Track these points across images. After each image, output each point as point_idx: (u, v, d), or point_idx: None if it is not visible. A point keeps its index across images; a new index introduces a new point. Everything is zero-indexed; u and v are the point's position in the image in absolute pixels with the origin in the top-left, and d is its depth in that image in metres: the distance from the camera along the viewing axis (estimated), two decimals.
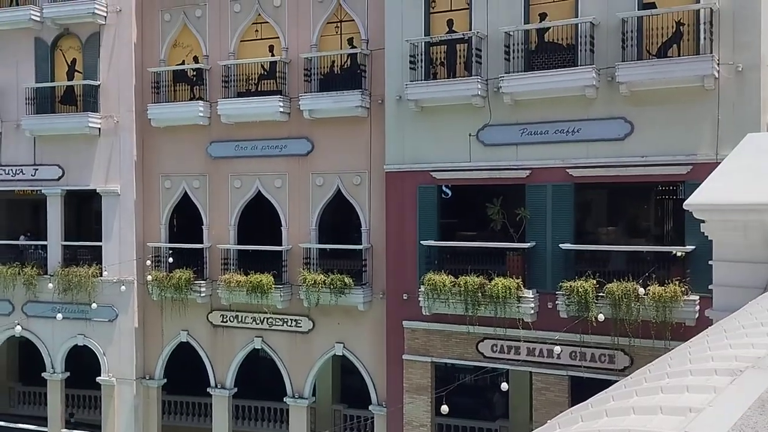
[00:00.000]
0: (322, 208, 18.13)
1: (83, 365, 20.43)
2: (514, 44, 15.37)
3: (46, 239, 20.52)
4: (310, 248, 17.93)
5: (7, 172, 20.79)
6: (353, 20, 17.77)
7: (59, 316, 18.45)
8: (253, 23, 18.74)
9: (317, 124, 17.87)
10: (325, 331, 18.05)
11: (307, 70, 17.79)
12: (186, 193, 19.48)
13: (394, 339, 16.96)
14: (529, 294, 15.10)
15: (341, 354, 18.05)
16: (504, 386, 14.69)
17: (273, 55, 18.47)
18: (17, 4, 20.34)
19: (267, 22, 18.56)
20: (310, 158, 18.17)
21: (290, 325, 18.37)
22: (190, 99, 19.12)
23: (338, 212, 18.62)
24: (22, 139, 20.50)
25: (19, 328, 18.28)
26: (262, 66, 18.45)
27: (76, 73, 20.23)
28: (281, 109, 17.91)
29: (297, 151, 18.27)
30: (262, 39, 18.72)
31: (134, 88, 19.63)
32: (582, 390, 14.56)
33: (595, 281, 14.44)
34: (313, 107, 17.55)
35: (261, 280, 17.86)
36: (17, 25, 20.17)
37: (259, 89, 18.46)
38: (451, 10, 16.47)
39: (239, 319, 18.89)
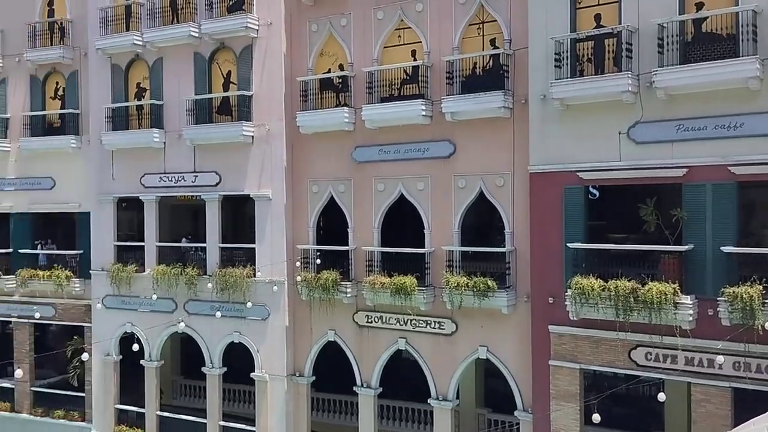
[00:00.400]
0: (464, 210, 18.08)
1: (239, 361, 21.54)
2: (668, 36, 14.60)
3: (205, 242, 21.85)
4: (452, 251, 17.92)
5: (170, 179, 22.33)
6: (495, 21, 17.60)
7: (218, 314, 19.59)
8: (396, 29, 19.00)
9: (459, 126, 17.85)
10: (468, 334, 17.96)
11: (449, 73, 17.81)
12: (332, 196, 20.07)
13: (540, 344, 16.60)
14: (687, 300, 14.27)
15: (485, 357, 17.90)
16: (661, 396, 13.95)
17: (415, 60, 18.66)
18: (178, 22, 21.80)
19: (409, 28, 18.78)
20: (452, 160, 18.18)
21: (433, 327, 18.44)
22: (336, 106, 19.68)
23: (481, 214, 18.49)
24: (183, 148, 21.96)
25: (182, 324, 19.57)
26: (405, 71, 18.67)
27: (231, 84, 21.41)
28: (423, 113, 18.04)
29: (439, 153, 18.33)
30: (404, 44, 18.95)
31: (284, 97, 20.50)
32: (747, 403, 13.59)
33: (761, 287, 13.42)
34: (455, 109, 17.54)
35: (404, 282, 18.06)
36: (178, 42, 21.64)
37: (401, 94, 18.68)
38: (598, 5, 15.91)
39: (383, 320, 19.20)
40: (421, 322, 18.54)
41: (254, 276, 20.64)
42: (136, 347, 18.51)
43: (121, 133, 22.69)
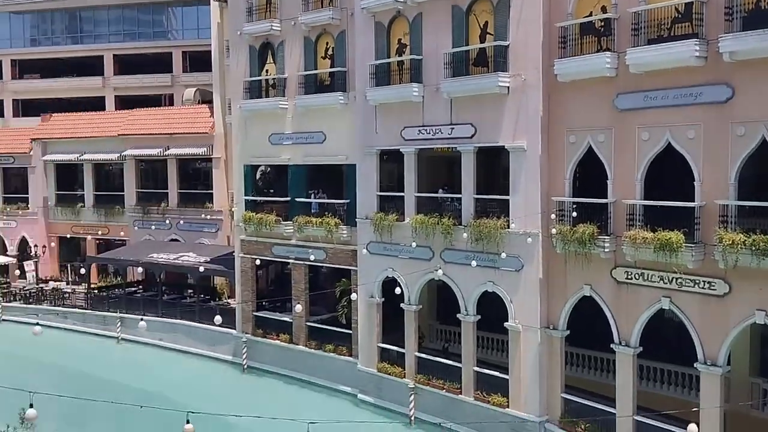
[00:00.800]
0: (742, 160, 16.35)
1: (492, 310, 21.91)
2: None
3: (460, 192, 22.33)
4: (727, 205, 16.37)
5: (428, 131, 23.03)
6: None
7: (473, 263, 20.01)
8: None
9: (740, 67, 16.06)
10: (743, 297, 16.40)
11: (729, 8, 16.02)
12: (590, 147, 19.29)
13: None
14: None
15: (762, 323, 16.26)
16: None
17: None
18: None
19: None
20: (729, 106, 16.46)
21: (702, 287, 17.11)
22: (597, 51, 18.76)
23: (763, 165, 16.62)
24: (440, 101, 22.46)
25: (440, 271, 20.35)
26: (676, 8, 17.16)
27: (487, 35, 21.34)
28: (697, 53, 16.50)
29: (714, 98, 16.70)
30: None
31: (541, 45, 19.98)
32: None
33: None
34: (735, 48, 15.78)
35: (670, 238, 16.92)
36: None
37: (671, 34, 17.24)
38: None
39: (645, 277, 18.21)
40: (687, 281, 17.30)
41: (508, 227, 20.72)
42: (398, 291, 19.58)
43: (383, 88, 23.81)
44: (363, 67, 24.61)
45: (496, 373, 21.73)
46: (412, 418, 23.29)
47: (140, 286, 37.49)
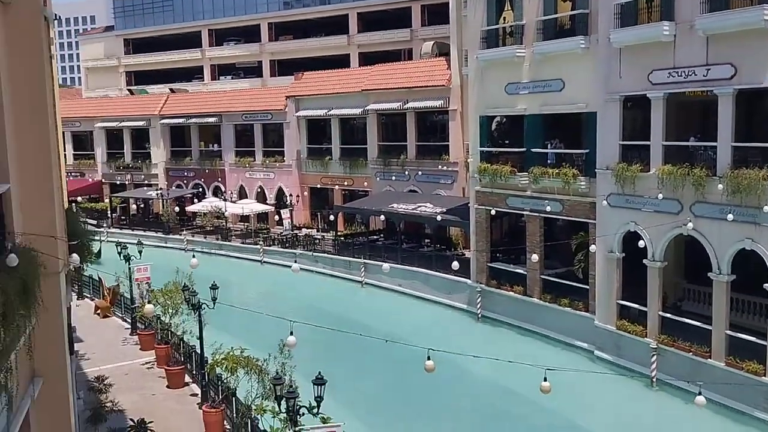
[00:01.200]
0: None
1: (750, 270, 19.91)
2: None
3: (714, 140, 20.36)
4: None
5: (679, 74, 21.17)
6: None
7: (729, 217, 18.25)
8: None
9: None
10: None
11: None
12: None
13: None
14: None
15: None
16: None
17: None
18: None
19: None
20: None
21: None
22: None
23: None
24: (694, 40, 20.48)
25: (690, 224, 18.86)
26: None
27: None
28: None
29: None
30: None
31: None
32: None
33: None
34: None
35: None
36: None
37: None
38: None
39: None
40: None
41: None
42: (642, 244, 18.51)
43: (629, 28, 22.27)
44: (607, 7, 23.16)
45: (755, 339, 19.82)
46: (654, 379, 22.12)
47: (381, 235, 39.49)
